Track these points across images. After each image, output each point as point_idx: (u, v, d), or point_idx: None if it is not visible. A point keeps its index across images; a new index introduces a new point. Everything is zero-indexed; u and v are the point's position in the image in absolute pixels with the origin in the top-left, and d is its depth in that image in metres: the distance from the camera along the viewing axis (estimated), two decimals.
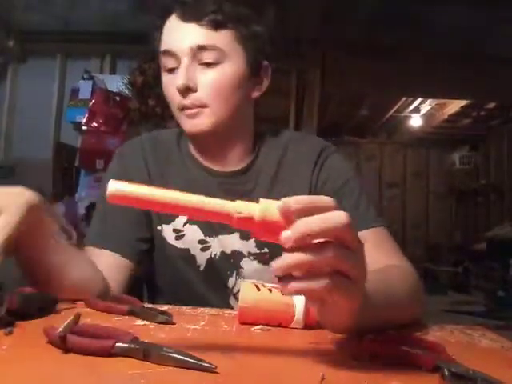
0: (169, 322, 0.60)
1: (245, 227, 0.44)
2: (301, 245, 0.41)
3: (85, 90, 3.17)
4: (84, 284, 0.72)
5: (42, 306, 0.60)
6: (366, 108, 5.25)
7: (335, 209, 0.42)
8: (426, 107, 5.18)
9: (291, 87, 3.30)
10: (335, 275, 0.42)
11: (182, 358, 0.43)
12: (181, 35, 0.81)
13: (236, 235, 0.88)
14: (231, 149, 0.91)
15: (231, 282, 0.90)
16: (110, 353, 0.44)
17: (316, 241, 0.41)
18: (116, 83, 3.17)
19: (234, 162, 0.91)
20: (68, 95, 3.28)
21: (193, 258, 0.89)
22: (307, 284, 0.41)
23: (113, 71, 3.40)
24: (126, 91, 3.16)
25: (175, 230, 0.89)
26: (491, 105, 4.82)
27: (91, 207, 3.06)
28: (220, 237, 0.88)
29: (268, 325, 0.61)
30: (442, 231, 6.36)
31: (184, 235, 0.89)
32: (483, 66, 3.36)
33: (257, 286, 0.64)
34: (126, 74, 3.18)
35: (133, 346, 0.44)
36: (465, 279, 5.14)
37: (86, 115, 3.06)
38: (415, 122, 5.66)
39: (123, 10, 2.94)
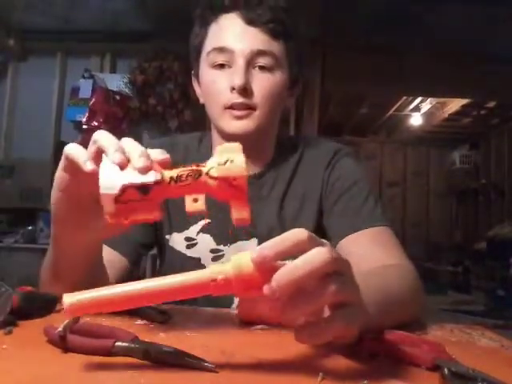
0: (169, 321, 0.60)
1: (224, 291, 0.41)
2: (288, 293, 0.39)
3: (85, 88, 3.18)
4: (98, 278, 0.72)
5: (41, 305, 0.60)
6: (366, 107, 5.24)
7: (309, 239, 0.41)
8: (426, 106, 5.18)
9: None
10: (340, 309, 0.42)
11: (182, 357, 0.43)
12: (242, 36, 0.82)
13: (254, 241, 0.88)
14: (258, 153, 0.92)
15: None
16: (109, 352, 0.44)
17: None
18: (116, 82, 3.17)
19: (255, 168, 0.92)
20: (68, 94, 3.29)
21: (202, 268, 0.89)
22: (321, 330, 0.41)
23: (113, 70, 3.40)
24: (127, 90, 3.17)
25: (187, 239, 0.90)
26: (491, 104, 4.82)
27: None
28: (238, 243, 0.88)
29: (268, 324, 0.61)
30: (442, 230, 6.36)
31: (196, 244, 0.89)
32: (483, 65, 3.36)
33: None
34: (127, 73, 3.19)
35: (133, 345, 0.45)
36: (465, 279, 5.15)
37: (87, 114, 3.07)
38: (415, 120, 5.66)
39: (123, 8, 2.94)
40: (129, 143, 0.49)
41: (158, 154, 0.49)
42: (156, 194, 0.45)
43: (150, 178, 0.45)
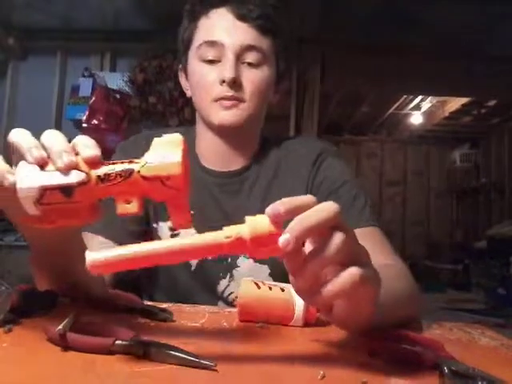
0: (169, 319, 0.60)
1: (238, 250, 0.41)
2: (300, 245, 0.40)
3: (85, 87, 3.17)
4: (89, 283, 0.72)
5: (41, 303, 0.60)
6: (366, 106, 5.24)
7: (317, 201, 0.42)
8: (426, 105, 5.18)
9: (291, 86, 3.30)
10: (352, 267, 0.41)
11: (182, 355, 0.43)
12: (233, 31, 0.84)
13: None
14: (243, 147, 0.93)
15: (222, 284, 0.90)
16: (109, 350, 0.44)
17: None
18: (116, 81, 3.17)
19: (238, 161, 0.93)
20: (68, 93, 3.28)
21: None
22: (340, 282, 0.41)
23: (113, 69, 3.39)
24: (127, 89, 3.16)
25: (171, 228, 0.90)
26: (492, 103, 4.81)
27: None
28: None
29: (268, 322, 0.61)
30: (442, 229, 6.37)
31: (179, 233, 0.89)
32: (483, 64, 3.36)
33: (257, 284, 0.64)
34: (127, 72, 3.18)
35: (133, 343, 0.45)
36: (465, 277, 5.15)
37: (87, 113, 3.06)
38: (416, 119, 5.66)
39: (123, 7, 2.93)
40: (50, 138, 0.44)
41: (85, 150, 0.44)
42: (82, 196, 0.42)
43: (72, 178, 0.41)
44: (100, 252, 0.40)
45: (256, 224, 0.41)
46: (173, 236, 0.89)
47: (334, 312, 0.45)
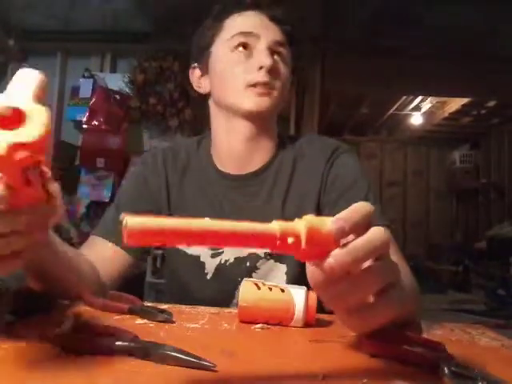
0: (169, 320, 0.60)
1: (289, 250, 0.39)
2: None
3: (85, 88, 3.18)
4: (83, 284, 0.72)
5: (41, 304, 0.60)
6: (366, 106, 5.24)
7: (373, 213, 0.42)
8: (426, 105, 5.18)
9: (292, 86, 3.30)
10: (386, 291, 0.42)
11: (182, 356, 0.43)
12: (267, 27, 0.90)
13: None
14: (263, 141, 0.94)
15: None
16: (109, 351, 0.44)
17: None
18: (116, 82, 3.17)
19: (256, 161, 0.94)
20: (68, 94, 3.28)
21: (201, 265, 0.89)
22: (371, 316, 0.42)
23: (113, 70, 3.39)
24: (127, 90, 3.16)
25: None
26: (492, 103, 4.81)
27: (91, 206, 3.06)
28: None
29: (268, 323, 0.61)
30: (442, 230, 6.36)
31: None
32: (483, 64, 3.36)
33: (257, 285, 0.64)
34: (127, 73, 3.19)
35: (133, 344, 0.45)
36: (465, 278, 5.14)
37: (87, 114, 3.07)
38: (416, 120, 5.66)
39: (123, 8, 2.94)
40: None
41: None
42: None
43: None
44: (141, 218, 0.35)
45: (315, 227, 0.38)
46: (214, 252, 0.90)
47: (352, 321, 0.44)
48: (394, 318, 0.44)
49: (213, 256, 0.89)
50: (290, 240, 0.38)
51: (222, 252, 0.89)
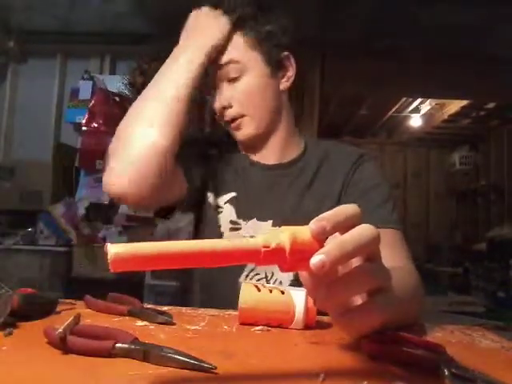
0: (169, 322, 0.60)
1: (274, 261, 0.39)
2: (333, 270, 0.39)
3: (85, 90, 3.18)
4: None
5: (41, 306, 0.60)
6: (365, 108, 5.24)
7: (360, 215, 0.42)
8: (425, 107, 5.18)
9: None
10: (376, 296, 0.42)
11: (182, 358, 0.43)
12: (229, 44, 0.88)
13: (269, 223, 0.91)
14: (273, 140, 0.97)
15: (247, 268, 0.90)
16: (109, 353, 0.44)
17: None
18: (116, 83, 3.17)
19: (275, 153, 0.97)
20: (68, 96, 3.28)
21: (220, 237, 0.91)
22: (361, 317, 0.42)
23: (113, 71, 3.40)
24: (126, 91, 3.16)
25: (217, 207, 0.94)
26: (491, 105, 4.82)
27: (91, 207, 3.06)
28: (254, 221, 0.91)
29: (268, 325, 0.61)
30: (442, 231, 6.36)
31: (222, 211, 0.93)
32: (483, 65, 3.36)
33: (257, 287, 0.64)
34: (126, 75, 3.18)
35: (133, 346, 0.44)
36: (465, 280, 5.14)
37: (86, 116, 3.06)
38: (415, 122, 5.66)
39: (123, 10, 2.94)
40: None
41: None
42: None
43: None
44: (124, 245, 0.36)
45: (296, 234, 0.39)
46: (232, 226, 0.92)
47: (342, 322, 0.45)
48: (383, 322, 0.45)
49: (231, 230, 0.92)
50: (275, 249, 0.38)
51: (240, 228, 0.92)
